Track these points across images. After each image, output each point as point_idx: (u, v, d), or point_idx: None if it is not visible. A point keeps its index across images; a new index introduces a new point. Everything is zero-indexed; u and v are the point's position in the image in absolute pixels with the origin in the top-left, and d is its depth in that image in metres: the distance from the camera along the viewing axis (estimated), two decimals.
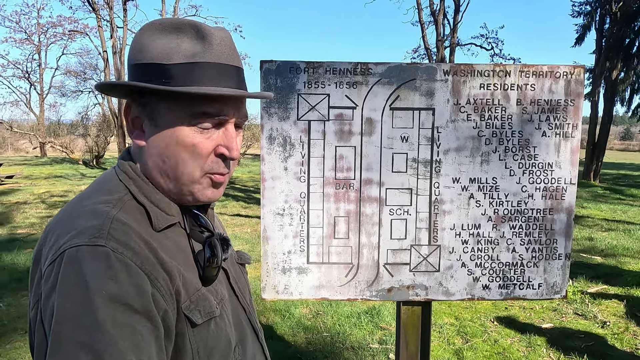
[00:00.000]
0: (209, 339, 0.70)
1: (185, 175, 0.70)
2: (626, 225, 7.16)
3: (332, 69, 1.51)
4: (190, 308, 0.68)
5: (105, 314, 0.56)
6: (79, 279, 0.57)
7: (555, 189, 1.58)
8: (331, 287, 1.59)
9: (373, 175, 1.55)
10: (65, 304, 0.56)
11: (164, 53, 0.67)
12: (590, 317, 3.60)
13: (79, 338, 0.55)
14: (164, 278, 0.64)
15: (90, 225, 0.62)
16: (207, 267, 0.71)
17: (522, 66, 1.54)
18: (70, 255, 0.59)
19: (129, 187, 0.70)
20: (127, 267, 0.60)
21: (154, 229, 0.68)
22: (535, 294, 1.62)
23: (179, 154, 0.68)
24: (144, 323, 0.59)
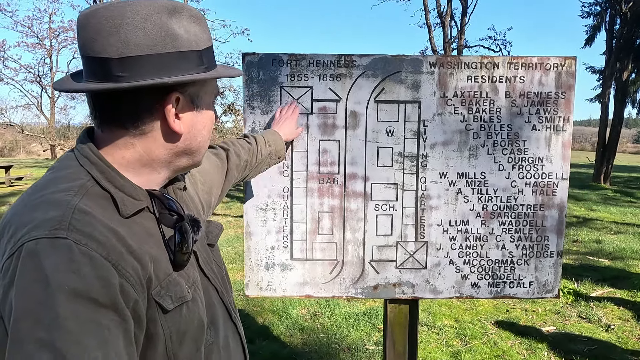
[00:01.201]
0: (181, 323, 0.69)
1: (206, 146, 0.77)
2: (636, 228, 7.01)
3: (315, 61, 1.48)
4: (161, 294, 0.66)
5: (68, 310, 0.54)
6: (39, 273, 0.55)
7: (546, 184, 1.53)
8: (315, 284, 1.56)
9: (358, 170, 1.52)
10: (24, 300, 0.54)
11: (192, 39, 0.68)
12: (594, 320, 3.51)
13: (38, 336, 0.52)
14: (134, 267, 0.62)
15: (50, 217, 0.59)
16: (178, 252, 0.70)
17: (510, 58, 1.50)
18: (29, 248, 0.56)
19: (91, 172, 0.66)
20: (91, 259, 0.57)
21: (122, 215, 0.66)
22: (526, 293, 1.57)
23: (210, 129, 0.76)
24: (110, 317, 0.57)
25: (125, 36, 0.63)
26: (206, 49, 0.71)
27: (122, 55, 0.63)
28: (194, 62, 0.68)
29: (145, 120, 0.68)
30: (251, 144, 1.30)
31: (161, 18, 0.65)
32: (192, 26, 0.69)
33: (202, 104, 0.73)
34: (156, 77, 0.65)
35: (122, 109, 0.67)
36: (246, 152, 1.26)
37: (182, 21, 0.67)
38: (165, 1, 0.66)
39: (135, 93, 0.65)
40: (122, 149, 0.69)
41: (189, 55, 0.67)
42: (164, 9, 0.65)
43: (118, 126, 0.68)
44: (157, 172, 0.73)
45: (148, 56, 0.64)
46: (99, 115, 0.68)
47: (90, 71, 0.66)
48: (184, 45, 0.67)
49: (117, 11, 0.63)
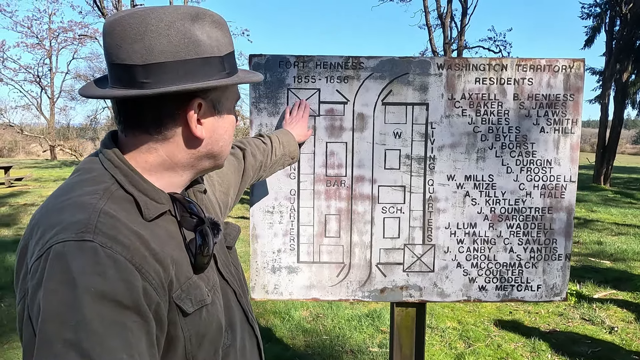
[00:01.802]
0: (201, 326, 0.70)
1: (228, 149, 0.78)
2: (637, 229, 7.01)
3: (322, 63, 1.47)
4: (182, 297, 0.67)
5: (94, 312, 0.55)
6: (66, 275, 0.56)
7: (555, 187, 1.53)
8: (322, 287, 1.54)
9: (365, 172, 1.51)
10: (52, 302, 0.55)
11: (214, 45, 0.68)
12: (597, 322, 3.50)
13: (66, 337, 0.54)
14: (156, 270, 0.63)
15: (77, 220, 0.60)
16: (199, 255, 0.70)
17: (519, 60, 1.49)
18: (56, 251, 0.57)
19: (115, 175, 0.68)
20: (116, 262, 0.58)
21: (145, 218, 0.67)
22: (534, 296, 1.57)
23: (231, 132, 0.76)
24: (134, 319, 0.58)
25: (149, 43, 0.64)
26: (228, 55, 0.71)
27: (146, 62, 0.64)
28: (216, 68, 0.69)
29: (168, 126, 0.68)
30: (266, 144, 1.29)
31: (184, 24, 0.66)
32: (214, 32, 0.69)
33: (224, 109, 0.73)
34: (179, 83, 0.65)
35: (145, 115, 0.67)
36: (261, 153, 1.25)
37: (204, 27, 0.68)
38: (188, 7, 0.67)
39: (159, 99, 0.66)
40: (145, 154, 0.70)
41: (211, 61, 0.68)
42: (187, 16, 0.66)
43: (141, 131, 0.69)
44: (179, 176, 0.74)
45: (171, 62, 0.65)
46: (123, 121, 0.69)
47: (115, 77, 0.67)
48: (206, 51, 0.67)
49: (141, 18, 0.64)
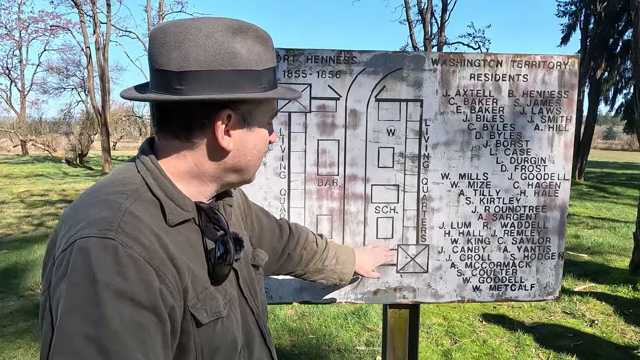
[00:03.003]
0: (214, 339, 0.69)
1: (259, 164, 0.77)
2: (611, 222, 7.22)
3: (313, 57, 1.41)
4: (197, 307, 0.67)
5: (113, 310, 0.56)
6: (88, 271, 0.57)
7: (549, 185, 1.51)
8: (314, 290, 1.49)
9: (358, 171, 1.46)
10: (74, 295, 0.56)
11: (252, 59, 0.69)
12: (578, 315, 3.57)
13: (86, 332, 0.55)
14: (173, 274, 0.64)
15: (102, 217, 0.61)
16: (219, 265, 0.71)
17: (514, 56, 1.46)
18: (80, 245, 0.59)
19: (146, 178, 0.69)
20: (136, 262, 0.59)
21: (168, 223, 0.68)
22: (527, 295, 1.55)
23: (262, 148, 0.75)
24: (151, 319, 0.59)
25: (186, 51, 0.65)
26: (266, 70, 0.71)
27: (181, 69, 0.65)
28: (251, 82, 0.69)
29: (196, 134, 0.69)
30: (318, 247, 1.18)
31: (224, 36, 0.67)
32: (256, 46, 0.69)
33: (255, 123, 0.73)
34: (210, 92, 0.66)
35: (176, 121, 0.69)
36: (301, 248, 1.14)
37: (246, 40, 0.68)
38: (232, 20, 0.68)
39: (189, 106, 0.67)
40: (174, 159, 0.71)
41: (246, 74, 0.68)
42: (229, 28, 0.67)
43: (173, 137, 0.70)
44: (206, 185, 0.74)
45: (205, 72, 0.66)
46: (156, 124, 0.71)
47: (154, 82, 0.69)
48: (242, 64, 0.68)
49: (182, 27, 0.66)
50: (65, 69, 27.62)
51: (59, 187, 10.93)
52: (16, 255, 4.97)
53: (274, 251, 1.07)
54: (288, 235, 1.12)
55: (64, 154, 19.83)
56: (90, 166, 18.25)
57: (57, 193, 9.95)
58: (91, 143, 20.43)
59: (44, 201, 8.82)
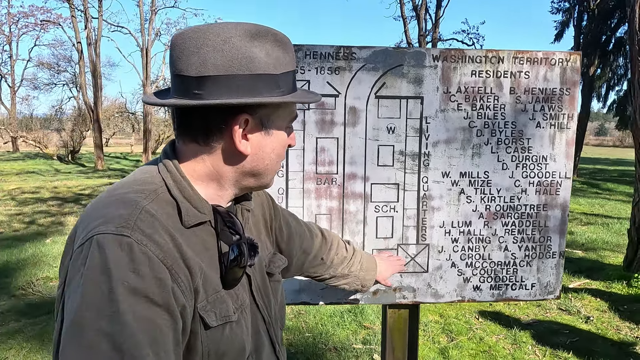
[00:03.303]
0: (222, 343, 0.69)
1: (277, 168, 0.77)
2: (604, 219, 7.26)
3: (312, 52, 1.37)
4: (207, 309, 0.68)
5: (126, 306, 0.57)
6: (104, 266, 0.58)
7: (550, 184, 1.49)
8: (312, 291, 1.47)
9: (357, 170, 1.43)
10: (89, 289, 0.57)
11: (270, 63, 0.69)
12: (574, 312, 3.58)
13: (100, 326, 0.55)
14: (185, 274, 0.64)
15: (119, 214, 0.62)
16: (232, 268, 0.71)
17: (515, 52, 1.44)
18: (97, 241, 0.60)
19: (166, 180, 0.70)
20: (150, 260, 0.60)
21: (184, 224, 0.68)
22: (528, 295, 1.54)
23: (280, 153, 0.76)
24: (163, 316, 0.60)
25: (204, 57, 0.66)
26: (285, 73, 0.71)
27: (199, 75, 0.66)
28: (269, 86, 0.69)
29: (214, 137, 0.70)
30: (347, 253, 1.21)
31: (241, 41, 0.67)
32: (274, 50, 0.69)
33: (273, 127, 0.73)
34: (228, 97, 0.66)
35: (195, 125, 0.69)
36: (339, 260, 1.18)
37: (264, 45, 0.68)
38: (251, 25, 0.68)
39: (207, 111, 0.68)
40: (193, 162, 0.72)
41: (263, 78, 0.68)
42: (247, 33, 0.67)
43: (191, 140, 0.71)
44: (224, 189, 0.74)
45: (223, 76, 0.66)
46: (176, 128, 0.72)
47: (174, 87, 0.70)
48: (259, 68, 0.68)
49: (201, 33, 0.67)
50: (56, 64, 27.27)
51: (51, 185, 10.80)
52: (7, 253, 4.89)
53: (304, 254, 1.08)
54: (321, 240, 1.14)
55: (56, 150, 19.61)
56: (82, 163, 18.06)
57: (49, 190, 9.83)
58: (83, 140, 20.22)
59: (36, 199, 8.71)
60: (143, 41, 20.50)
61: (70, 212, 7.49)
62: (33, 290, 3.92)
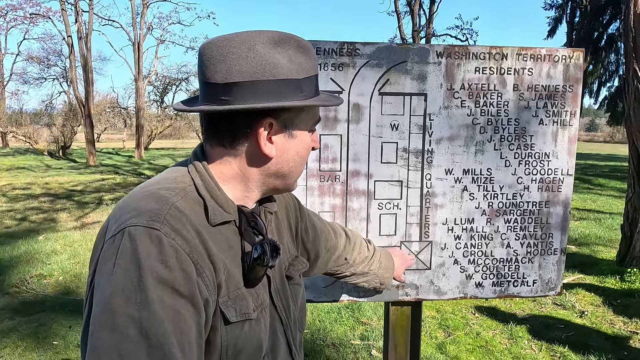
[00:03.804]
0: (240, 339, 0.71)
1: (301, 171, 0.80)
2: (596, 214, 7.34)
3: (316, 48, 1.36)
4: (227, 304, 0.69)
5: (155, 295, 0.59)
6: (134, 256, 0.60)
7: (552, 181, 1.50)
8: (316, 289, 1.46)
9: (361, 167, 1.42)
10: (120, 276, 0.60)
11: (292, 68, 0.71)
12: (568, 306, 3.62)
13: (129, 312, 0.58)
14: (210, 269, 0.67)
15: (150, 208, 0.65)
16: (254, 267, 0.73)
17: (519, 49, 1.43)
18: (129, 232, 0.62)
19: (195, 179, 0.73)
20: (177, 252, 0.63)
21: (210, 222, 0.71)
22: (529, 291, 1.54)
23: (304, 155, 0.78)
24: (188, 308, 0.62)
25: (230, 64, 0.69)
26: (307, 78, 0.73)
27: (225, 81, 0.69)
28: (292, 90, 0.71)
29: (240, 141, 0.73)
30: (369, 251, 1.25)
31: (265, 48, 0.70)
32: (297, 56, 0.72)
33: (297, 130, 0.75)
34: (252, 102, 0.69)
35: (221, 129, 0.73)
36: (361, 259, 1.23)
37: (287, 51, 0.71)
38: (274, 32, 0.71)
39: (233, 115, 0.71)
40: (220, 165, 0.75)
41: (286, 83, 0.71)
42: (270, 40, 0.70)
43: (218, 143, 0.74)
44: (250, 190, 0.77)
45: (248, 82, 0.69)
46: (204, 132, 0.75)
47: (203, 94, 0.73)
48: (282, 73, 0.70)
49: (227, 42, 0.70)
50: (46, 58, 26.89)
51: (42, 180, 10.67)
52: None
53: (328, 252, 1.11)
54: (345, 240, 1.18)
55: (46, 146, 19.37)
56: (73, 158, 17.87)
57: (40, 186, 9.72)
58: (74, 135, 20.00)
59: (27, 195, 8.60)
60: (135, 35, 20.28)
61: (63, 208, 7.42)
62: (27, 288, 3.88)
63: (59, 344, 2.94)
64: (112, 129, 35.63)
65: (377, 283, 1.29)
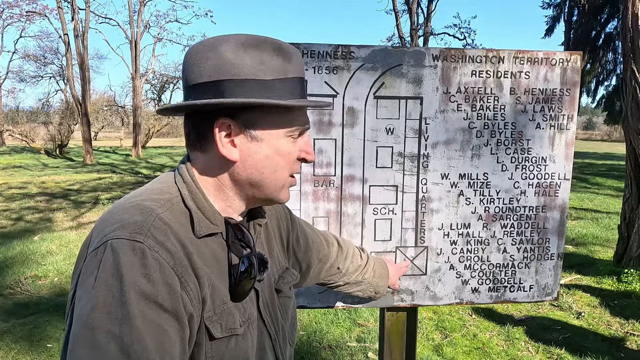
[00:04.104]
0: (225, 355, 0.69)
1: (279, 181, 0.74)
2: (593, 213, 7.35)
3: (309, 51, 1.34)
4: (213, 319, 0.68)
5: (137, 309, 0.58)
6: (116, 270, 0.59)
7: (549, 185, 1.48)
8: (310, 295, 1.44)
9: (355, 171, 1.40)
10: (101, 291, 0.58)
11: (260, 69, 0.69)
12: (565, 307, 3.62)
13: (109, 328, 0.56)
14: (194, 282, 0.65)
15: (134, 221, 0.64)
16: (241, 281, 0.71)
17: (516, 52, 1.42)
18: (111, 245, 0.61)
19: (181, 190, 0.72)
20: (161, 266, 0.61)
21: (195, 234, 0.69)
22: (526, 297, 1.53)
23: (278, 162, 0.72)
24: (171, 323, 0.60)
25: (198, 67, 0.69)
26: (279, 80, 0.70)
27: (192, 83, 0.70)
28: (255, 91, 0.68)
29: (206, 144, 0.71)
30: (362, 260, 1.24)
31: (229, 49, 0.68)
32: (272, 59, 0.70)
33: (262, 133, 0.71)
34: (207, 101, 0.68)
35: (190, 132, 0.72)
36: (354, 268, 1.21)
37: (260, 53, 0.69)
38: (249, 36, 0.70)
39: (196, 117, 0.70)
40: (202, 170, 0.73)
41: (248, 84, 0.68)
42: (238, 42, 0.69)
43: (194, 148, 0.73)
44: (231, 199, 0.75)
45: (210, 82, 0.68)
46: (185, 138, 0.75)
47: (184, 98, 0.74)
48: (244, 73, 0.68)
49: (200, 46, 0.71)
50: (43, 56, 26.76)
51: (39, 180, 10.62)
52: None
53: (320, 262, 1.10)
54: (337, 249, 1.16)
55: (43, 144, 19.29)
56: (70, 157, 17.80)
57: (37, 185, 9.67)
58: (71, 133, 19.93)
59: (23, 194, 8.56)
60: (132, 33, 20.19)
61: (59, 208, 7.37)
62: (21, 289, 3.85)
63: (52, 346, 2.92)
64: (109, 127, 35.51)
65: (371, 292, 1.27)
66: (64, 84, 25.23)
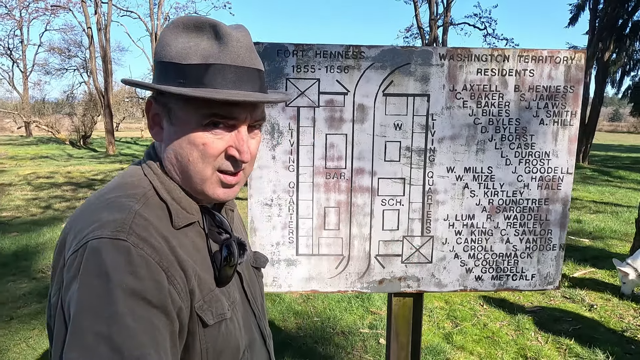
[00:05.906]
0: (219, 340, 0.70)
1: (197, 174, 0.70)
2: (614, 207, 7.24)
3: (322, 52, 1.42)
4: (203, 308, 0.68)
5: (125, 307, 0.57)
6: (101, 270, 0.58)
7: (552, 179, 1.54)
8: (321, 279, 1.54)
9: (365, 165, 1.49)
10: (86, 294, 0.57)
11: (182, 52, 0.67)
12: (578, 300, 3.64)
13: (98, 329, 0.56)
14: (181, 276, 0.65)
15: (113, 219, 0.63)
16: (224, 267, 0.72)
17: (521, 51, 1.47)
18: (92, 246, 0.60)
19: (153, 182, 0.71)
20: (147, 262, 0.61)
21: (174, 226, 0.69)
22: (528, 285, 1.60)
23: (191, 153, 0.69)
24: (161, 318, 0.61)
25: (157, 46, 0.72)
26: (197, 65, 0.66)
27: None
28: (171, 74, 0.68)
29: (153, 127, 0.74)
30: None
31: (170, 31, 0.69)
32: (203, 42, 0.67)
33: (179, 122, 0.69)
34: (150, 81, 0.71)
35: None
36: None
37: (193, 36, 0.68)
38: (194, 17, 0.69)
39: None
40: (163, 159, 0.74)
41: (167, 66, 0.68)
42: (179, 24, 0.69)
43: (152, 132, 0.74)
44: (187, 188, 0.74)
45: (155, 63, 0.71)
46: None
47: None
48: (166, 56, 0.68)
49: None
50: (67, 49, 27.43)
51: (64, 169, 11.01)
52: (26, 237, 5.06)
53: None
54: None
55: (68, 135, 19.87)
56: (94, 148, 18.31)
57: (63, 175, 10.04)
58: (94, 124, 20.44)
59: (50, 183, 8.91)
60: (152, 26, 20.49)
61: (84, 197, 7.66)
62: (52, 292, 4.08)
63: None
64: (130, 118, 36.25)
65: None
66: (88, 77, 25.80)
